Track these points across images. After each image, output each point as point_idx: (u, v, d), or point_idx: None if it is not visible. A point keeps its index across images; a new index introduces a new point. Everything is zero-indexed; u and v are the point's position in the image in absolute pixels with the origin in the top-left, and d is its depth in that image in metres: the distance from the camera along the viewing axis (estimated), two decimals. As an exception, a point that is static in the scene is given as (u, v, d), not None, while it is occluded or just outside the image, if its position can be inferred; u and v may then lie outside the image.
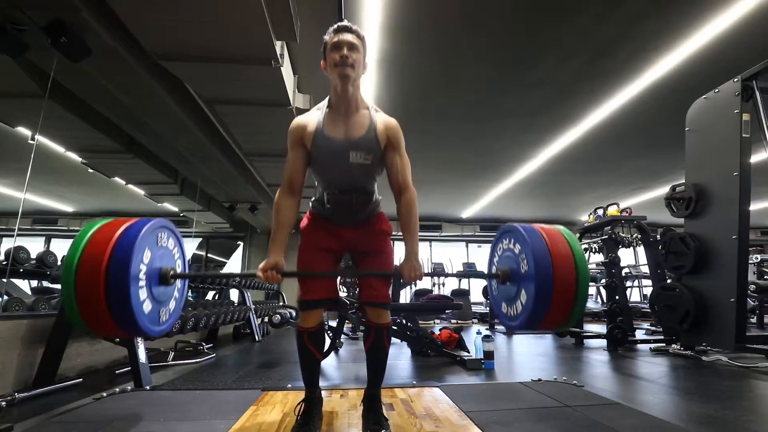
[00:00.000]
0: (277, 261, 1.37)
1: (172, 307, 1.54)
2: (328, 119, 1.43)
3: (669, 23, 3.21)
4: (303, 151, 1.45)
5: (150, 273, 1.36)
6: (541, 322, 1.39)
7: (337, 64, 1.34)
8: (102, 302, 1.22)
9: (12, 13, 2.57)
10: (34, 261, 3.21)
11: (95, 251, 1.24)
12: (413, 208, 1.47)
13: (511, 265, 1.50)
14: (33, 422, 1.61)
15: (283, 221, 1.44)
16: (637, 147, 5.80)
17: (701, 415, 1.74)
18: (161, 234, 1.45)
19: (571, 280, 1.35)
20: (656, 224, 8.90)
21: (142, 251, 1.30)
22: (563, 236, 1.44)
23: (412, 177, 1.52)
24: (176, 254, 1.56)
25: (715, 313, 2.97)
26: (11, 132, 4.43)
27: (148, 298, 1.35)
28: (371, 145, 1.42)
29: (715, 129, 3.16)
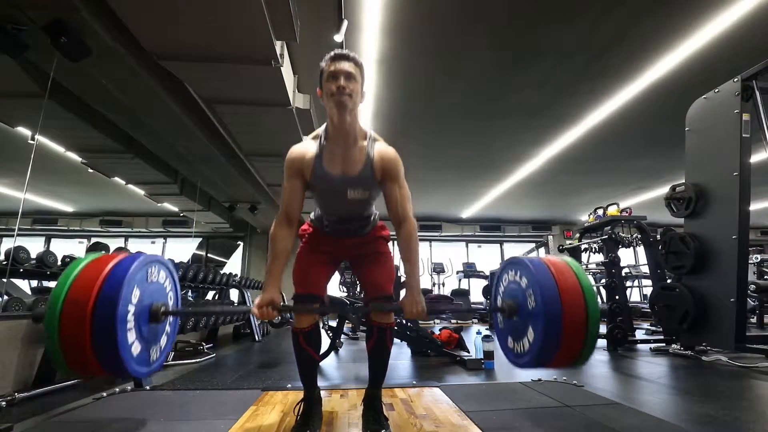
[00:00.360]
0: (273, 297, 1.34)
1: (164, 344, 1.49)
2: (326, 152, 1.41)
3: (669, 23, 3.21)
4: (301, 182, 1.43)
5: (139, 312, 1.30)
6: (551, 361, 1.35)
7: (333, 93, 1.32)
8: (87, 347, 1.16)
9: (12, 12, 2.57)
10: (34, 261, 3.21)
11: (80, 293, 1.18)
12: (413, 240, 1.43)
13: (517, 298, 1.46)
14: (33, 422, 1.61)
15: (279, 253, 1.41)
16: (637, 147, 5.80)
17: (701, 415, 1.74)
18: (152, 269, 1.39)
19: (580, 317, 1.30)
20: (656, 224, 8.89)
21: (130, 290, 1.25)
22: (571, 269, 1.39)
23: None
24: (168, 288, 1.50)
25: (715, 313, 2.97)
26: (11, 132, 4.43)
27: (137, 339, 1.29)
28: (368, 181, 1.42)
29: (715, 129, 3.16)
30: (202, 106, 3.73)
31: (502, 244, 11.47)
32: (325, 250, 1.57)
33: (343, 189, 1.41)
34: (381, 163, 1.41)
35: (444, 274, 9.16)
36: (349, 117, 1.36)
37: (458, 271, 9.31)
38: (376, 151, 1.42)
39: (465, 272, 9.22)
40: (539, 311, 1.31)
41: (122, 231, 10.22)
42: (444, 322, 7.54)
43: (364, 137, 1.44)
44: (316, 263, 1.55)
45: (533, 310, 1.35)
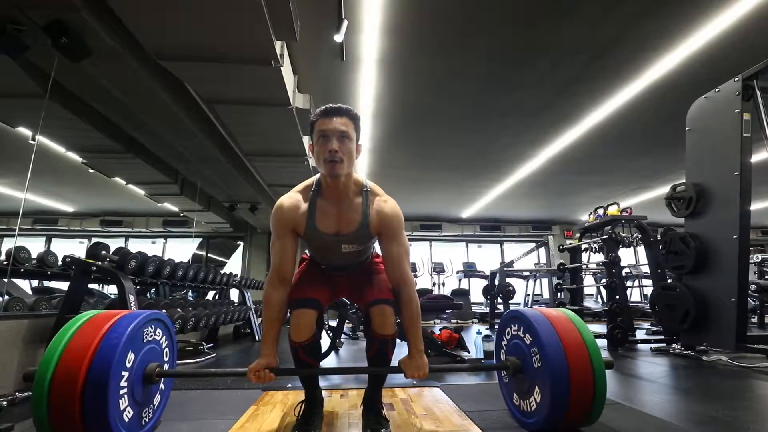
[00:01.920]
0: (270, 362, 1.32)
1: (157, 403, 1.46)
2: (319, 209, 1.34)
3: (668, 23, 3.21)
4: (292, 239, 1.36)
5: (133, 377, 1.26)
6: (562, 422, 1.34)
7: (325, 158, 1.24)
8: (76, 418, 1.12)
9: (12, 13, 2.57)
10: (35, 261, 3.21)
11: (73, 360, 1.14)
12: (413, 302, 1.37)
13: (521, 355, 1.46)
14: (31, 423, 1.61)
15: (274, 318, 1.35)
16: (637, 147, 5.80)
17: (702, 415, 1.73)
18: (148, 329, 1.36)
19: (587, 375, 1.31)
20: (656, 224, 8.89)
21: (124, 357, 1.21)
22: (572, 324, 1.40)
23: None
24: (164, 344, 1.48)
25: (715, 312, 2.97)
26: (12, 132, 4.44)
27: (130, 404, 1.25)
28: (364, 239, 1.38)
29: (716, 128, 3.16)
30: (203, 106, 3.73)
31: (502, 244, 11.47)
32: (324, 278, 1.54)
33: (337, 245, 1.37)
34: (378, 222, 1.35)
35: (444, 274, 9.15)
36: (343, 178, 1.30)
37: (458, 271, 9.31)
38: (373, 209, 1.35)
39: (465, 272, 9.21)
40: (546, 373, 1.31)
41: (123, 231, 10.23)
42: (444, 321, 7.53)
43: (360, 191, 1.37)
44: (317, 277, 1.52)
45: (539, 370, 1.35)
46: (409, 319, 1.37)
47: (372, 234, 1.36)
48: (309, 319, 1.37)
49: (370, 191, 1.38)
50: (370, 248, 1.52)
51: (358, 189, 1.37)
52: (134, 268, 2.86)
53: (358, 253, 1.43)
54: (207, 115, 3.92)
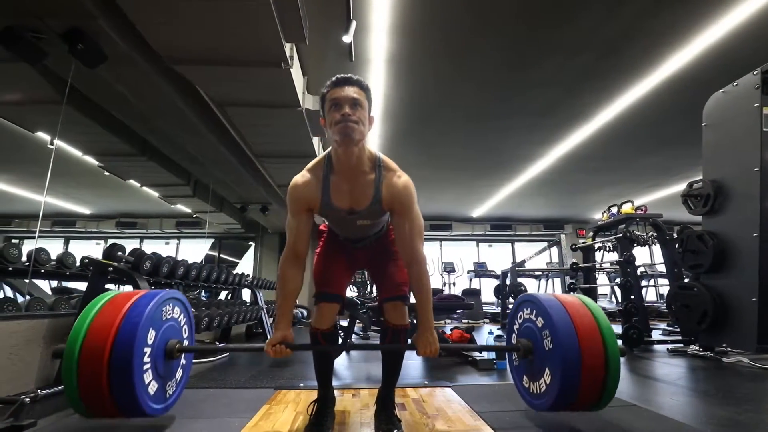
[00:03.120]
0: (285, 335, 1.34)
1: (179, 377, 1.52)
2: (332, 187, 1.34)
3: (682, 16, 3.14)
4: (307, 217, 1.37)
5: (155, 352, 1.31)
6: (571, 404, 1.33)
7: (338, 121, 1.21)
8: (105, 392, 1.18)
9: (31, 22, 2.65)
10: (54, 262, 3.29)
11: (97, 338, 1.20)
12: (424, 279, 1.36)
13: (533, 338, 1.44)
14: (55, 418, 1.66)
15: (289, 293, 1.36)
16: (650, 144, 5.68)
17: (722, 418, 1.69)
18: (166, 307, 1.41)
19: (599, 359, 1.29)
20: (672, 222, 8.71)
21: (146, 333, 1.26)
22: (587, 309, 1.38)
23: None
24: (183, 321, 1.53)
25: (735, 313, 2.89)
26: (31, 137, 4.56)
27: (154, 378, 1.31)
28: (377, 214, 1.38)
29: (734, 123, 3.08)
30: (214, 108, 3.78)
31: (513, 244, 11.37)
32: (342, 253, 1.59)
33: (352, 220, 1.39)
34: (390, 198, 1.33)
35: (454, 273, 9.11)
36: (356, 148, 1.27)
37: (469, 270, 9.25)
38: (385, 185, 1.33)
39: (476, 272, 9.15)
40: (557, 355, 1.29)
41: (137, 232, 10.43)
42: (455, 321, 7.50)
43: (373, 167, 1.35)
44: (336, 263, 1.56)
45: (550, 352, 1.34)
46: (419, 297, 1.37)
47: (384, 209, 1.36)
48: (332, 312, 1.48)
49: (384, 166, 1.36)
50: (386, 221, 1.55)
51: (371, 163, 1.34)
52: (149, 268, 2.92)
53: (374, 226, 1.47)
54: (218, 117, 3.97)
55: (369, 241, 1.56)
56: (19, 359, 2.11)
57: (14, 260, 3.01)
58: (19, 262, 3.05)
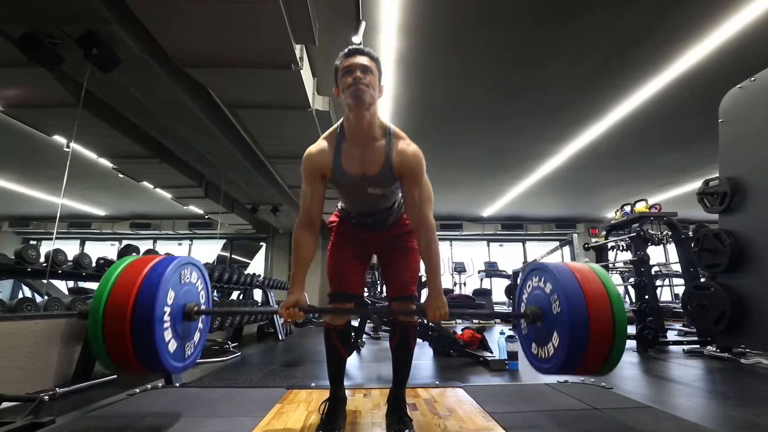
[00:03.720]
0: (299, 298, 1.35)
1: (197, 340, 1.56)
2: (344, 153, 1.38)
3: (697, 11, 3.07)
4: (320, 184, 1.41)
5: (174, 312, 1.36)
6: (577, 367, 1.33)
7: (349, 85, 1.27)
8: (128, 347, 1.24)
9: (48, 28, 2.71)
10: (71, 263, 3.37)
11: (120, 298, 1.26)
12: (433, 245, 1.39)
13: (541, 304, 1.44)
14: (73, 416, 1.69)
15: (302, 258, 1.40)
16: (665, 141, 5.58)
17: (741, 421, 1.66)
18: (184, 271, 1.46)
19: (607, 325, 1.28)
20: (688, 220, 8.55)
21: (165, 293, 1.31)
22: (597, 276, 1.37)
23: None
24: (200, 287, 1.57)
25: (754, 313, 2.82)
26: (48, 140, 4.67)
27: (174, 337, 1.36)
28: (387, 180, 1.40)
29: (752, 119, 3.01)
30: (225, 110, 3.83)
31: (524, 243, 11.26)
32: (354, 244, 1.58)
33: (363, 187, 1.40)
34: (400, 164, 1.36)
35: (465, 273, 9.06)
36: (367, 113, 1.31)
37: (480, 270, 9.19)
38: (395, 151, 1.37)
39: (487, 272, 9.09)
40: (565, 319, 1.29)
41: (151, 233, 10.60)
42: (466, 321, 7.46)
43: (384, 133, 1.39)
44: (348, 259, 1.56)
45: (558, 316, 1.33)
46: (428, 262, 1.40)
47: (395, 176, 1.38)
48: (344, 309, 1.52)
49: (394, 134, 1.40)
50: (396, 194, 1.53)
51: (381, 131, 1.39)
52: (163, 269, 2.96)
53: (384, 197, 1.46)
54: (230, 119, 4.02)
55: (379, 220, 1.54)
56: (38, 358, 2.17)
57: (33, 261, 3.09)
58: (37, 263, 3.12)
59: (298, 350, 4.10)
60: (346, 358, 1.60)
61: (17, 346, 2.06)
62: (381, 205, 1.50)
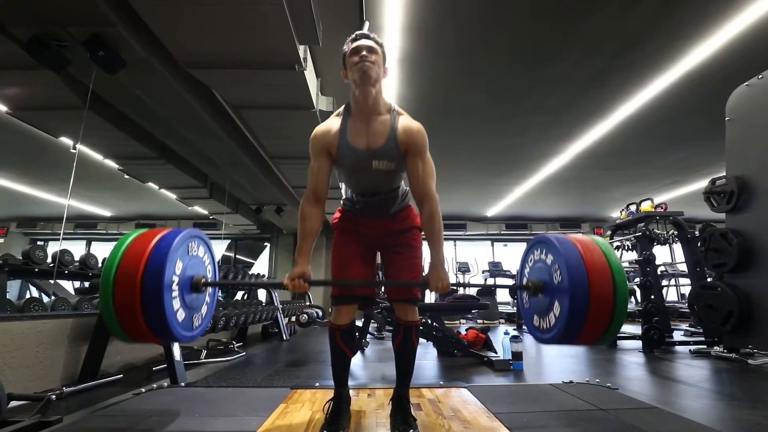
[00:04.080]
0: (304, 270, 1.37)
1: (204, 312, 1.59)
2: (350, 127, 1.43)
3: (704, 9, 3.05)
4: (327, 160, 1.46)
5: (182, 282, 1.40)
6: (577, 335, 1.33)
7: (356, 63, 1.35)
8: (138, 313, 1.27)
9: (54, 30, 2.74)
10: (78, 263, 3.40)
11: (130, 265, 1.29)
12: (436, 216, 1.43)
13: (543, 276, 1.44)
14: (79, 415, 1.71)
15: (308, 231, 1.43)
16: (671, 139, 5.53)
17: (748, 422, 1.64)
18: (192, 244, 1.48)
19: (608, 293, 1.29)
20: (694, 220, 8.46)
21: (174, 263, 1.34)
22: (599, 247, 1.37)
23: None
24: (207, 261, 1.59)
25: (761, 313, 2.79)
26: (55, 142, 4.71)
27: (182, 306, 1.39)
28: (392, 153, 1.42)
29: (760, 117, 2.97)
30: (230, 111, 3.85)
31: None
32: (357, 240, 1.56)
33: (368, 161, 1.42)
34: (404, 137, 1.41)
35: (469, 273, 9.03)
36: (373, 90, 1.37)
37: (484, 270, 9.16)
38: (400, 125, 1.43)
39: (491, 272, 9.05)
40: (565, 286, 1.30)
41: (156, 234, 10.65)
42: (470, 322, 7.44)
43: (388, 111, 1.45)
44: (353, 258, 1.54)
45: (559, 285, 1.34)
46: (430, 233, 1.43)
47: (399, 149, 1.42)
48: (350, 311, 1.52)
49: (398, 111, 1.47)
50: (400, 177, 1.53)
51: (386, 108, 1.45)
52: (168, 269, 2.98)
53: (389, 175, 1.47)
54: (234, 120, 4.03)
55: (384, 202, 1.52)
56: (45, 357, 2.19)
57: (40, 261, 3.13)
58: (44, 263, 3.16)
59: (303, 350, 4.11)
60: (350, 358, 1.59)
61: (25, 345, 2.08)
62: (385, 184, 1.50)
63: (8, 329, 2.02)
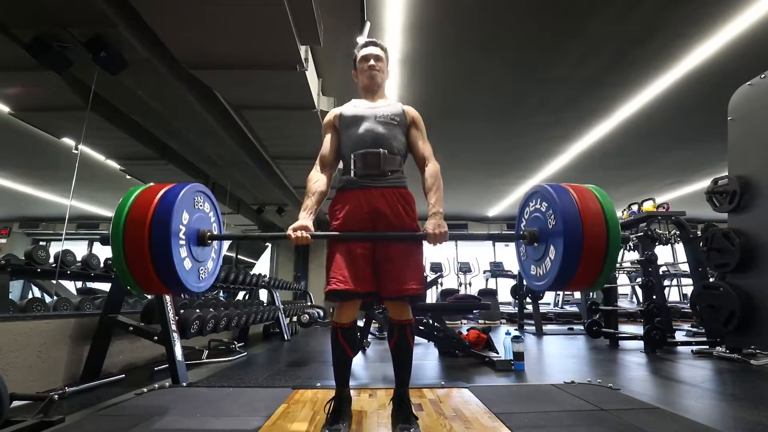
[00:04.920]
0: (306, 224, 1.42)
1: (210, 267, 1.61)
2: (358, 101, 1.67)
3: (706, 7, 3.04)
4: (335, 133, 1.65)
5: (189, 233, 1.43)
6: (571, 279, 1.34)
7: (366, 69, 1.65)
8: (147, 260, 1.30)
9: (57, 31, 2.75)
10: (80, 263, 3.41)
11: (138, 214, 1.32)
12: (437, 174, 1.58)
13: (539, 225, 1.47)
14: (82, 415, 1.72)
15: (314, 189, 1.53)
16: (673, 139, 5.52)
17: (751, 423, 1.64)
18: (197, 198, 1.52)
19: (601, 236, 1.31)
20: (696, 220, 8.44)
21: (180, 213, 1.37)
22: (593, 193, 1.41)
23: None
24: (212, 217, 1.62)
25: (764, 313, 2.78)
26: (57, 142, 4.73)
27: (188, 256, 1.42)
28: (397, 111, 1.60)
29: (762, 116, 2.97)
30: (231, 111, 3.85)
31: (530, 243, 11.19)
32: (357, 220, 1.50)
33: (371, 112, 1.59)
34: (409, 112, 1.64)
35: (471, 273, 9.03)
36: (379, 90, 1.67)
37: (485, 270, 9.16)
38: (402, 106, 1.66)
39: (492, 272, 9.05)
40: (559, 230, 1.32)
41: (158, 234, 10.67)
42: (471, 322, 7.44)
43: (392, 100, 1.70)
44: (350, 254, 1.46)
45: (553, 230, 1.36)
46: (431, 184, 1.55)
47: (405, 115, 1.62)
48: (352, 309, 1.54)
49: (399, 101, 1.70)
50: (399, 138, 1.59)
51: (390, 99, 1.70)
52: (170, 269, 2.98)
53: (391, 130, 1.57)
54: (235, 120, 4.04)
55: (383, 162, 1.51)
56: (47, 357, 2.19)
57: (42, 262, 3.14)
58: (46, 263, 3.17)
59: (304, 350, 4.12)
60: (351, 358, 1.58)
61: (28, 345, 2.09)
62: (387, 137, 1.55)
63: (11, 329, 2.03)
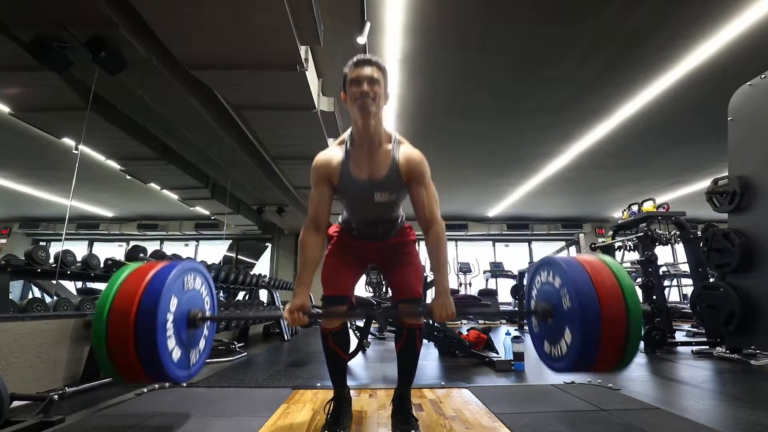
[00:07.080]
0: (304, 302, 1.35)
1: (202, 347, 1.55)
2: (352, 157, 1.42)
3: (706, 8, 3.04)
4: (328, 189, 1.45)
5: (178, 320, 1.35)
6: (591, 364, 1.28)
7: (357, 98, 1.33)
8: (132, 356, 1.24)
9: (57, 32, 2.75)
10: (80, 263, 3.41)
11: (123, 306, 1.25)
12: (441, 243, 1.41)
13: (552, 300, 1.40)
14: (81, 415, 1.71)
15: (309, 261, 1.41)
16: (673, 139, 5.52)
17: (751, 423, 1.63)
18: (188, 277, 1.45)
19: (620, 316, 1.23)
20: (696, 220, 8.44)
21: (168, 300, 1.31)
22: (608, 268, 1.32)
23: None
24: (204, 293, 1.56)
25: (764, 313, 2.78)
26: (57, 143, 4.73)
27: (177, 345, 1.35)
28: (394, 184, 1.42)
29: (763, 117, 2.97)
30: (231, 112, 3.85)
31: (530, 243, 11.20)
32: (352, 253, 1.60)
33: (370, 193, 1.42)
34: (406, 166, 1.41)
35: (471, 274, 9.03)
36: (373, 121, 1.36)
37: (485, 270, 9.15)
38: (401, 154, 1.42)
39: (492, 272, 9.05)
40: (575, 312, 1.24)
41: (158, 234, 10.69)
42: (472, 322, 7.43)
43: (389, 140, 1.44)
44: (344, 264, 1.58)
45: (569, 311, 1.29)
46: (436, 260, 1.41)
47: (401, 179, 1.42)
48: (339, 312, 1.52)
49: (398, 140, 1.46)
50: (399, 207, 1.55)
51: (387, 137, 1.45)
52: (170, 269, 2.98)
53: (390, 207, 1.48)
54: (236, 120, 4.04)
55: (382, 231, 1.55)
56: (47, 357, 2.19)
57: (42, 262, 3.14)
58: (47, 263, 3.17)
59: (304, 350, 4.11)
60: (345, 360, 1.57)
61: (27, 345, 2.09)
62: (386, 214, 1.52)
63: (11, 329, 2.03)
